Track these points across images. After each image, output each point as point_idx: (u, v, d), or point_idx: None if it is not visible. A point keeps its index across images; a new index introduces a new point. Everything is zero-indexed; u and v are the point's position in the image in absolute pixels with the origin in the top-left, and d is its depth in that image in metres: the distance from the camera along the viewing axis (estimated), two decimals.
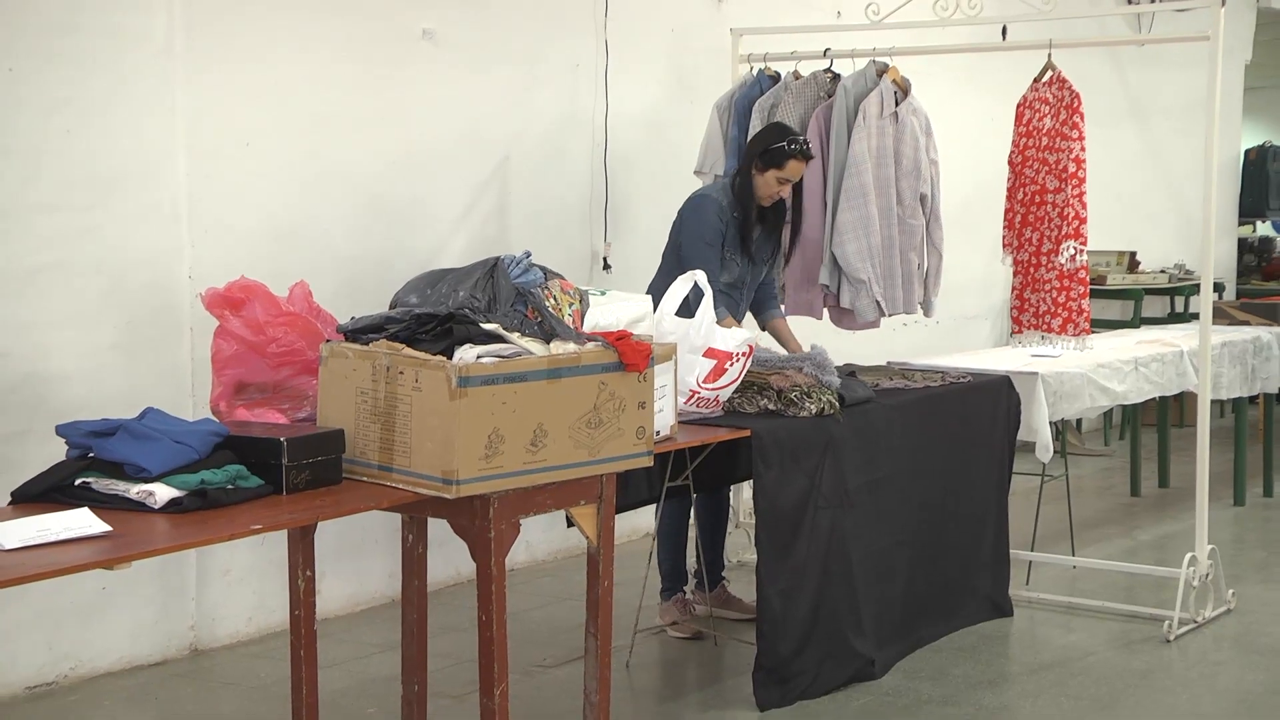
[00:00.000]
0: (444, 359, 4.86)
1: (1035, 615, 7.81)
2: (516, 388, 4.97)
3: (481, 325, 5.10)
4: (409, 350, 4.93)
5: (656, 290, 6.56)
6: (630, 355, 5.26)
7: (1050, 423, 7.91)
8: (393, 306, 5.52)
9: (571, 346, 5.21)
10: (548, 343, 5.19)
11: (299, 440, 4.86)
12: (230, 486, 4.67)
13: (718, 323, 6.32)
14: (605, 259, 8.64)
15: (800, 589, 6.39)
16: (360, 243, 7.21)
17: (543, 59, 8.33)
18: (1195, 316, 9.07)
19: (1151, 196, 13.37)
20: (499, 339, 5.06)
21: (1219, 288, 13.70)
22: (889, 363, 8.09)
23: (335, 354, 5.12)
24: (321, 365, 5.18)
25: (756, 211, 7.18)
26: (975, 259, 9.15)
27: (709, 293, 6.45)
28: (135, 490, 4.52)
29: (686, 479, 6.74)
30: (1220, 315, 10.92)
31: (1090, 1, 12.46)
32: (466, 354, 4.90)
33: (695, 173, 8.40)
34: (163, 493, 4.50)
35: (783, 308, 8.18)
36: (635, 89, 8.82)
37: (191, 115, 6.71)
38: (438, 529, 5.56)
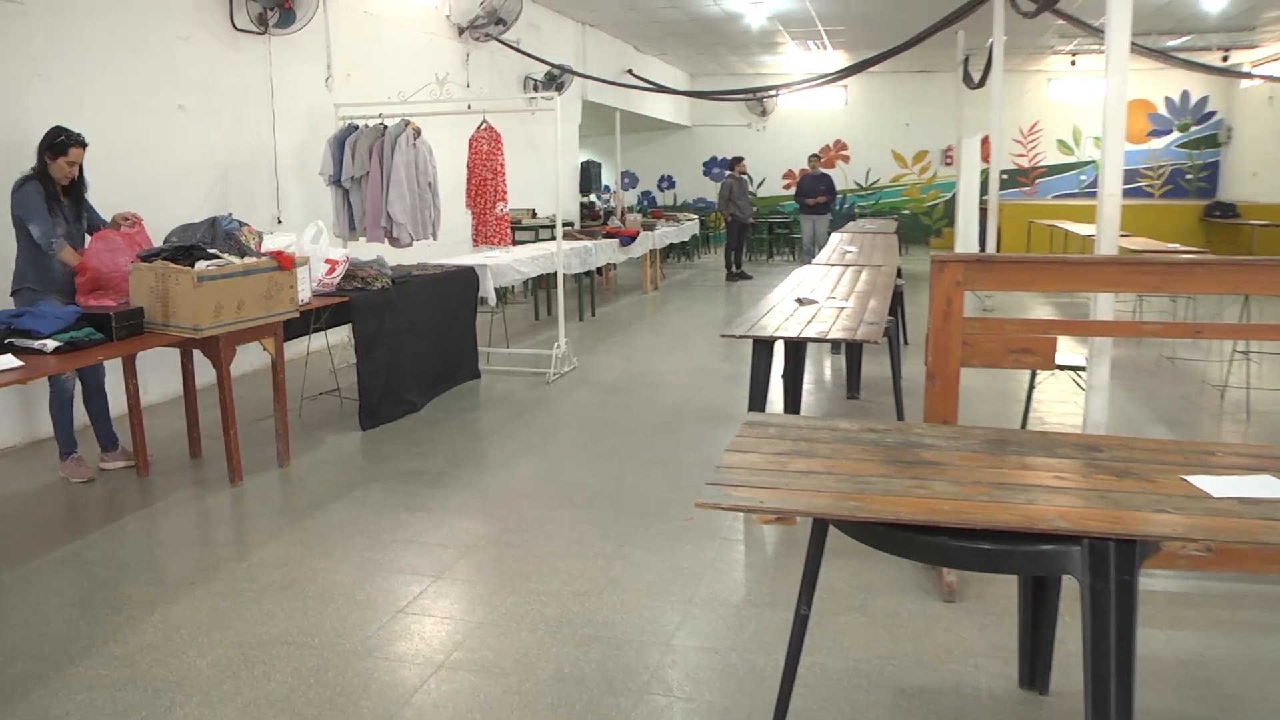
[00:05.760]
0: (190, 268, 4.83)
1: (490, 377, 7.96)
2: (228, 280, 4.97)
3: (208, 251, 5.06)
4: (173, 265, 4.86)
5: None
6: (285, 262, 5.32)
7: (494, 288, 8.10)
8: (165, 243, 5.36)
9: (255, 260, 5.21)
10: (243, 258, 5.15)
11: (121, 313, 4.78)
12: (86, 339, 4.60)
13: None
14: (279, 218, 8.37)
15: (378, 372, 6.47)
16: (150, 212, 6.77)
17: (243, 119, 7.97)
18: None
19: (536, 178, 13.58)
20: (218, 257, 5.04)
21: (570, 224, 14.10)
22: (420, 262, 8.11)
23: (137, 268, 4.99)
24: (130, 275, 5.03)
25: (59, 188, 5.26)
26: (457, 211, 9.24)
27: (326, 231, 6.39)
28: (36, 344, 4.44)
29: (319, 325, 6.69)
30: (569, 236, 11.31)
31: (506, 90, 12.55)
32: (201, 265, 4.87)
33: (319, 174, 8.24)
34: (50, 345, 4.45)
35: (363, 239, 8.18)
36: (289, 131, 8.51)
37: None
38: (199, 357, 5.44)
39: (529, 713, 3.05)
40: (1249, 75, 17.04)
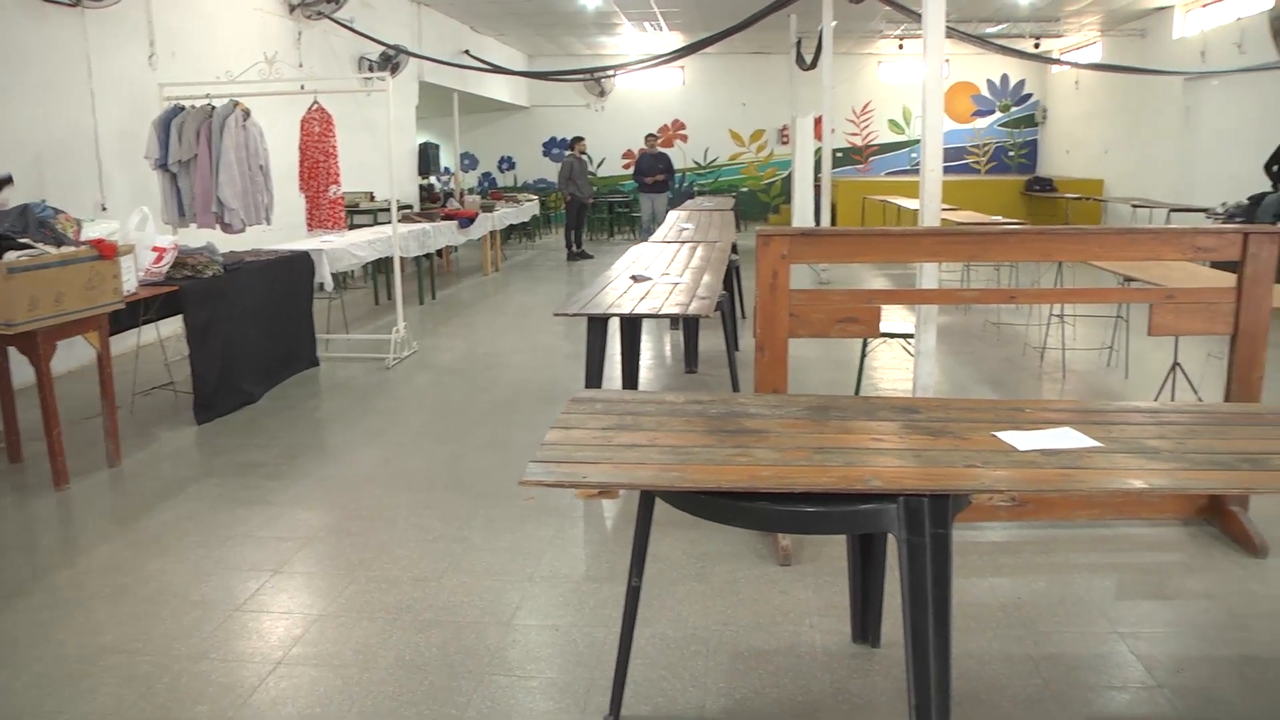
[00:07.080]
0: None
1: (330, 364, 7.77)
2: (43, 271, 4.67)
3: (19, 240, 4.73)
4: None
5: None
6: (106, 251, 5.03)
7: (331, 273, 7.90)
8: None
9: (73, 249, 4.90)
10: (60, 247, 4.85)
11: None
12: None
13: None
14: (102, 204, 7.95)
15: (213, 363, 6.23)
16: None
17: (57, 99, 7.51)
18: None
19: (373, 161, 13.27)
20: (31, 247, 4.72)
21: (408, 206, 13.84)
22: (254, 248, 7.83)
23: None
24: None
25: None
26: (290, 194, 8.94)
27: (153, 218, 6.09)
28: None
29: (149, 317, 6.36)
30: (408, 219, 11.13)
31: (340, 71, 12.22)
32: (11, 256, 4.55)
33: (144, 158, 7.86)
34: None
35: (194, 225, 7.85)
36: (112, 113, 8.09)
37: None
38: (15, 355, 5.03)
39: (370, 703, 2.99)
40: (1057, 61, 18.04)
